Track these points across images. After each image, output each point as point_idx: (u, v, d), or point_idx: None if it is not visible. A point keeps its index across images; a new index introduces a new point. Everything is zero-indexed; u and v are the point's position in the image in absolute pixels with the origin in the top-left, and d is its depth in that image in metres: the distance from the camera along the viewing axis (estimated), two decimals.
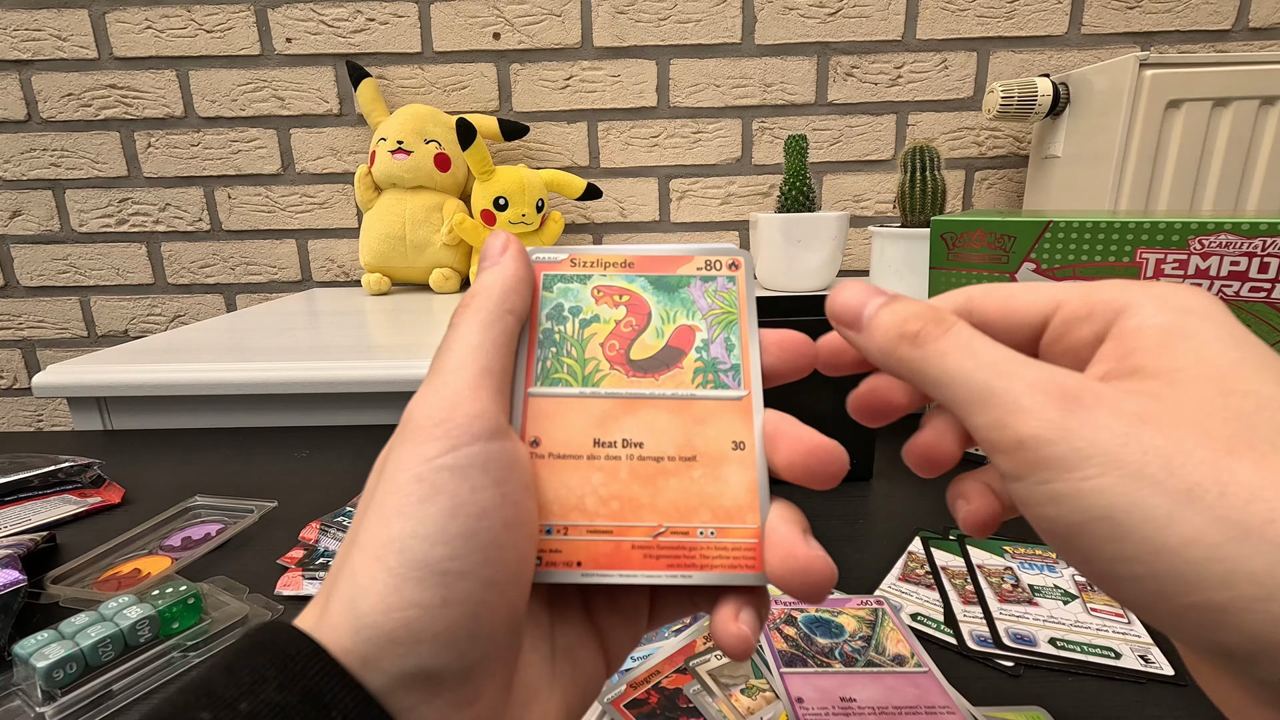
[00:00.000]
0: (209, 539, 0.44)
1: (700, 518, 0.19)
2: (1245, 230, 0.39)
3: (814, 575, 0.17)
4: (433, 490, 0.15)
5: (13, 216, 1.20)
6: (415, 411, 0.17)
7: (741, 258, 0.21)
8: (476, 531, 0.16)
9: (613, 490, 0.19)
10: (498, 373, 0.18)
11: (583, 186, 1.07)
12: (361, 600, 0.15)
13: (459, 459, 0.16)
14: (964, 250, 0.50)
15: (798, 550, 0.17)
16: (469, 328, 0.18)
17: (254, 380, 0.68)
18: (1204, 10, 1.06)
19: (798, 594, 0.17)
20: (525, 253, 0.21)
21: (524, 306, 0.20)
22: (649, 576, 0.19)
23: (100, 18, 1.11)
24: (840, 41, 1.10)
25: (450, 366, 0.17)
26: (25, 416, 1.30)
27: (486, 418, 0.17)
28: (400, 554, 0.15)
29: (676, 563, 0.19)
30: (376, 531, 0.15)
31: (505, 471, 0.17)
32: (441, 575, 0.15)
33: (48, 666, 0.30)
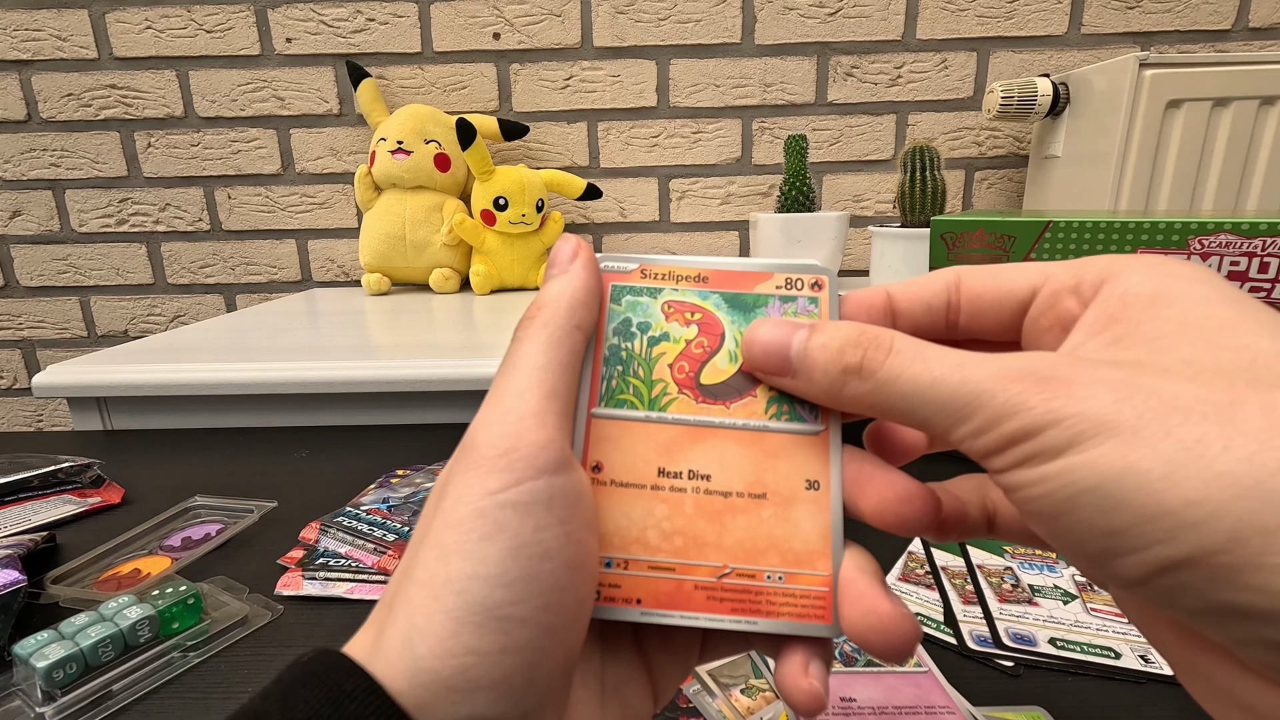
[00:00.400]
0: (209, 539, 0.44)
1: (768, 560, 0.18)
2: (1245, 230, 0.39)
3: (898, 635, 0.16)
4: (495, 528, 0.15)
5: (13, 216, 1.20)
6: (478, 438, 0.16)
7: (826, 276, 0.20)
8: (539, 575, 0.15)
9: (677, 525, 0.18)
10: (564, 395, 0.17)
11: (583, 186, 1.07)
12: (419, 642, 0.14)
13: (523, 494, 0.15)
14: (964, 250, 0.50)
15: (880, 607, 0.16)
16: (534, 344, 0.17)
17: (254, 380, 0.68)
18: (1204, 10, 1.06)
19: (879, 653, 0.16)
20: (595, 261, 0.19)
21: (592, 321, 0.19)
22: (712, 620, 0.18)
23: (100, 18, 1.11)
24: (840, 41, 1.10)
25: (515, 389, 0.17)
26: (25, 416, 1.30)
27: (552, 448, 0.16)
28: (459, 595, 0.14)
29: (741, 607, 0.18)
30: (435, 568, 0.15)
31: (570, 509, 0.16)
32: (501, 621, 0.14)
33: (48, 666, 0.30)
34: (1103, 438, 0.13)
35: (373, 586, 0.39)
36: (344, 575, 0.39)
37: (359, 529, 0.42)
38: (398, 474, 0.52)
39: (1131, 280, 0.15)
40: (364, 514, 0.44)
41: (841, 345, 0.16)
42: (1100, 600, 0.36)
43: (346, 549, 0.42)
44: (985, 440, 0.14)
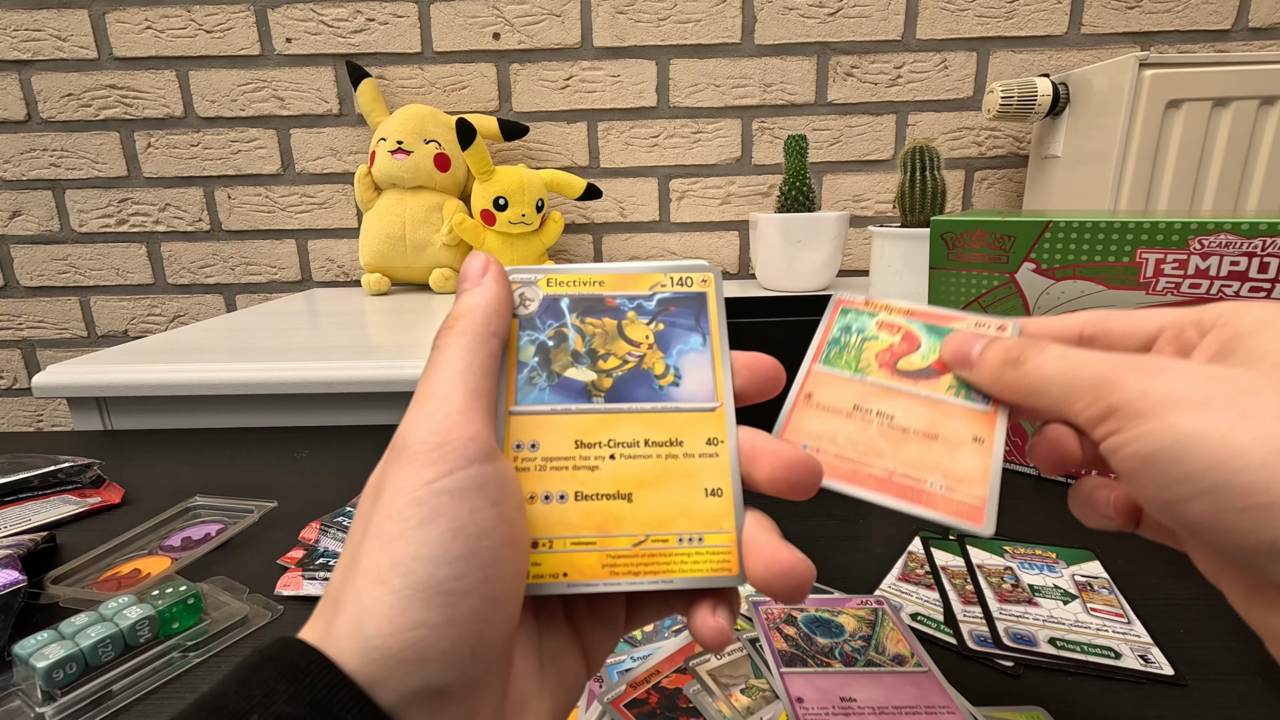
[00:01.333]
0: (209, 539, 0.44)
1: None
2: (1245, 230, 0.39)
3: (796, 577, 0.18)
4: (433, 513, 0.16)
5: (13, 216, 1.20)
6: (410, 436, 0.17)
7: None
8: (477, 551, 0.16)
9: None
10: (486, 395, 0.18)
11: (583, 186, 1.07)
12: (368, 623, 0.15)
13: (457, 481, 0.16)
14: (964, 250, 0.50)
15: (780, 554, 0.19)
16: (455, 350, 0.19)
17: (254, 380, 0.68)
18: (1204, 10, 1.06)
19: (781, 595, 0.19)
20: (505, 274, 0.21)
21: (506, 328, 0.20)
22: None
23: (100, 18, 1.11)
24: (840, 41, 1.10)
25: (440, 391, 0.18)
26: (25, 416, 1.30)
27: (480, 440, 0.17)
28: (405, 576, 0.15)
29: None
30: (379, 556, 0.16)
31: (500, 492, 0.17)
32: (446, 595, 0.15)
33: (48, 666, 0.30)
34: (1179, 409, 0.16)
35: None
36: None
37: None
38: None
39: (1248, 314, 0.19)
40: None
41: (1009, 347, 0.21)
42: (1100, 600, 0.36)
43: None
44: (1093, 410, 0.18)
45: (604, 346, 0.21)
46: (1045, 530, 0.43)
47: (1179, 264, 0.42)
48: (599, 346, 0.21)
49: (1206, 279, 0.41)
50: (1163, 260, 0.42)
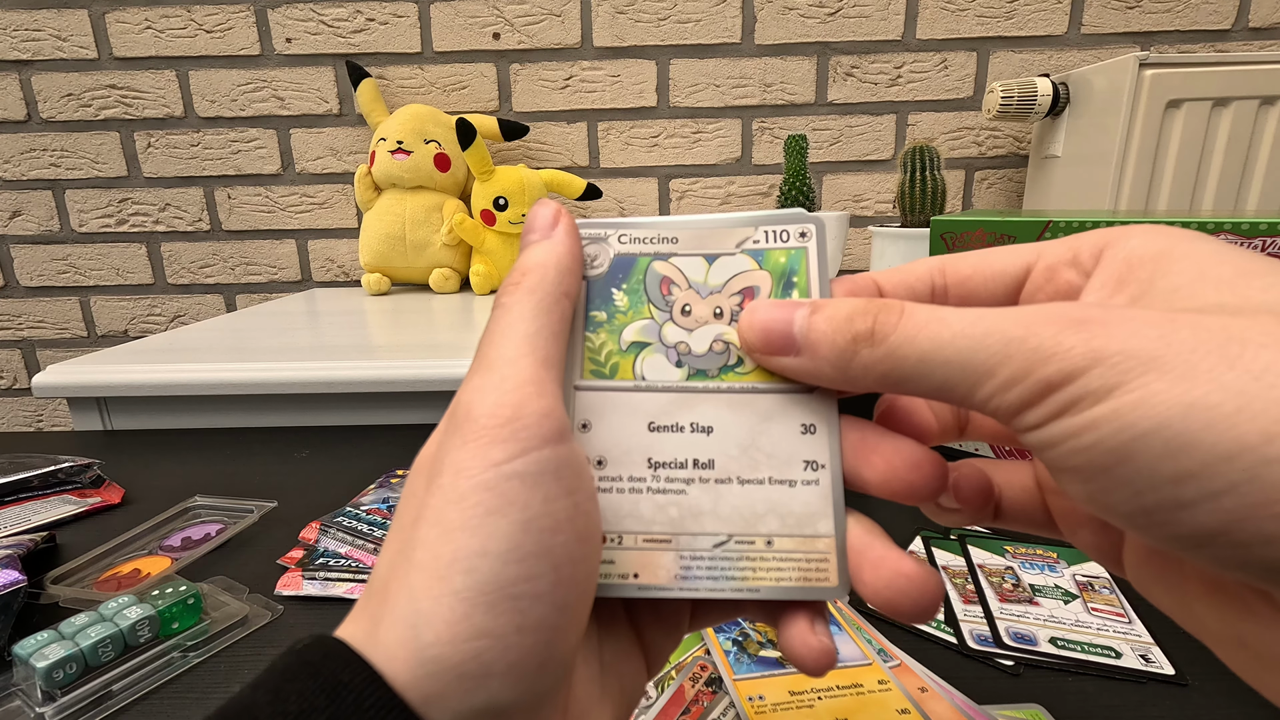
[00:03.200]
0: (209, 539, 0.44)
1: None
2: (1245, 230, 0.39)
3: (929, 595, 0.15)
4: (503, 501, 0.14)
5: (13, 216, 1.20)
6: (475, 406, 0.15)
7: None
8: (551, 548, 0.14)
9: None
10: (557, 364, 0.16)
11: (583, 186, 1.07)
12: (425, 629, 0.13)
13: (530, 464, 0.14)
14: (964, 250, 0.50)
15: (904, 566, 0.16)
16: (523, 310, 0.16)
17: (254, 380, 0.68)
18: (1204, 10, 1.06)
19: (906, 614, 0.16)
20: (576, 227, 0.18)
21: (577, 288, 0.18)
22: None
23: (100, 18, 1.11)
24: (840, 41, 1.10)
25: (507, 355, 0.15)
26: (25, 416, 1.30)
27: (554, 416, 0.15)
28: (468, 574, 0.13)
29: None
30: (438, 547, 0.14)
31: (576, 479, 0.15)
32: (515, 599, 0.13)
33: (48, 667, 0.30)
34: (1156, 374, 0.11)
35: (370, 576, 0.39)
36: (344, 575, 0.39)
37: (359, 529, 0.42)
38: (398, 474, 0.52)
39: (1133, 243, 0.15)
40: (364, 514, 0.44)
41: (849, 314, 0.15)
42: (1101, 600, 0.36)
43: (346, 549, 0.42)
44: (1016, 393, 0.13)
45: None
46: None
47: None
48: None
49: None
50: None
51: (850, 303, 0.16)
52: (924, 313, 0.14)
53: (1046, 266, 0.16)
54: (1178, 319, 0.12)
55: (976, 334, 0.13)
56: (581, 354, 0.18)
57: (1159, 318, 0.12)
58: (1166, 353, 0.11)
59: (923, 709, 0.29)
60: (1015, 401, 0.13)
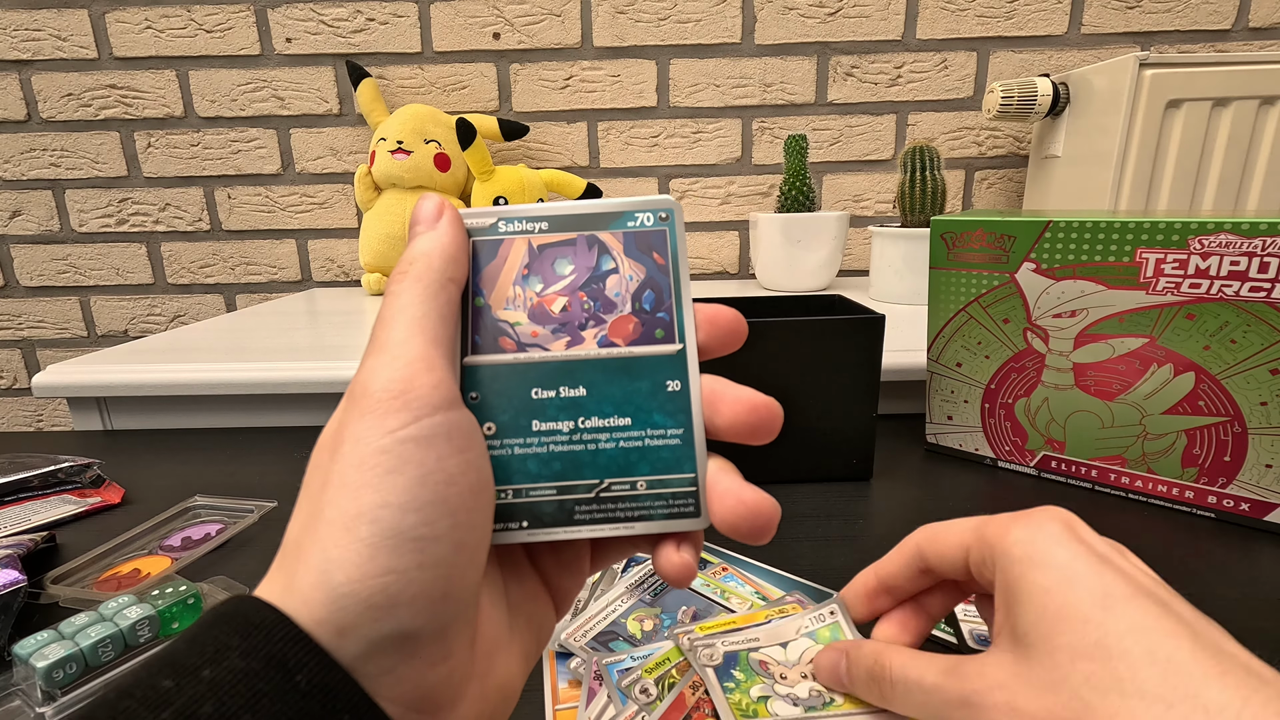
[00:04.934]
0: (209, 539, 0.44)
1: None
2: (1245, 230, 0.39)
3: (763, 517, 0.18)
4: (399, 461, 0.15)
5: (13, 216, 1.20)
6: (370, 384, 0.16)
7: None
8: (446, 498, 0.16)
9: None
10: (445, 344, 0.18)
11: (583, 186, 1.07)
12: (335, 571, 0.15)
13: (423, 429, 0.16)
14: (964, 250, 0.50)
15: (745, 495, 0.19)
16: (410, 296, 0.18)
17: (254, 380, 0.68)
18: (1204, 10, 1.06)
19: (747, 536, 0.19)
20: (460, 218, 0.20)
21: (463, 275, 0.20)
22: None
23: (100, 18, 1.11)
24: (840, 41, 1.10)
25: (397, 338, 0.17)
26: (25, 416, 1.30)
27: (443, 387, 0.17)
28: (372, 524, 0.15)
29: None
30: (344, 505, 0.15)
31: (466, 439, 0.17)
32: (415, 541, 0.15)
33: (48, 666, 0.30)
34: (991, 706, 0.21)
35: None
36: None
37: None
38: None
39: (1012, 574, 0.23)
40: None
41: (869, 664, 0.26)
42: None
43: None
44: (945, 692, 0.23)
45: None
46: None
47: (1179, 264, 0.42)
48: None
49: (1206, 279, 0.41)
50: (1163, 260, 0.42)
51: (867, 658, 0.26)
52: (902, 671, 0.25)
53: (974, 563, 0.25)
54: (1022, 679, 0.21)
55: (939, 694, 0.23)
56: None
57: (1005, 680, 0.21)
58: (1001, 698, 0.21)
59: None
60: None
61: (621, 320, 0.20)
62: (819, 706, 0.28)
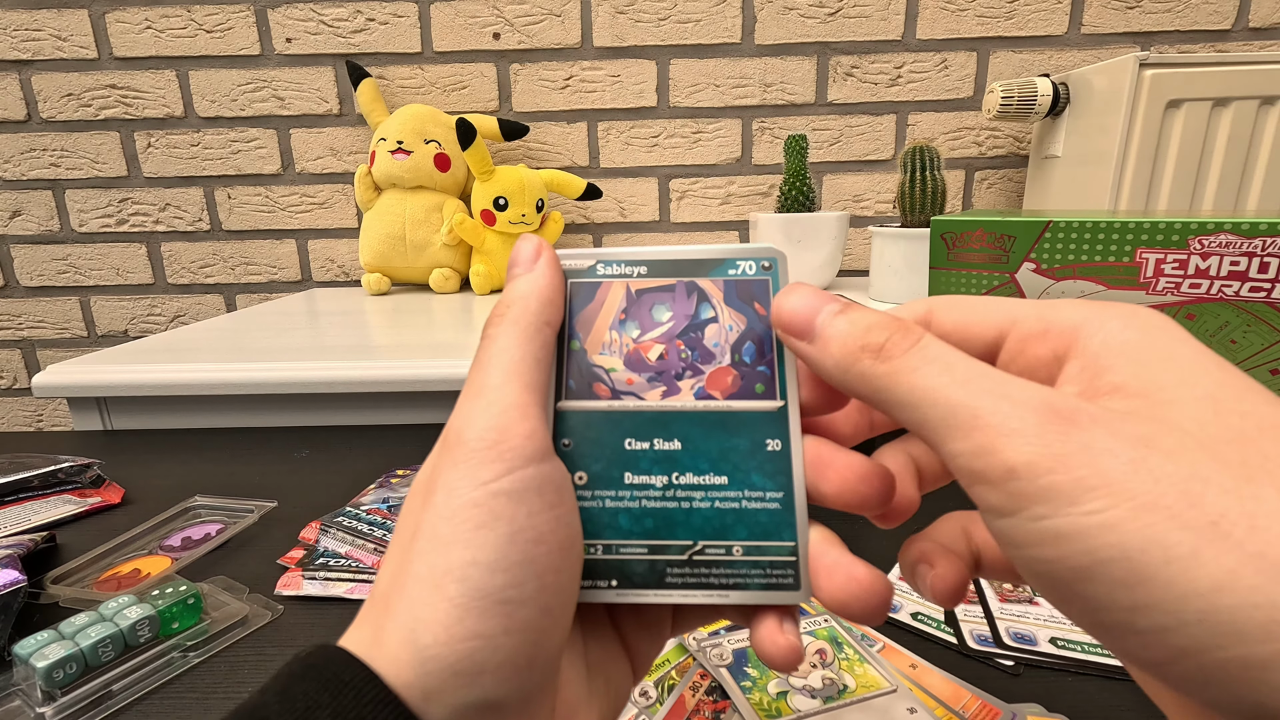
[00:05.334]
0: (209, 539, 0.44)
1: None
2: (1245, 230, 0.39)
3: (877, 597, 0.17)
4: (490, 516, 0.15)
5: (13, 216, 1.20)
6: (465, 431, 0.16)
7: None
8: (535, 558, 0.15)
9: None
10: (540, 389, 0.18)
11: (583, 186, 1.07)
12: (423, 632, 0.14)
13: (515, 482, 0.16)
14: (964, 250, 0.50)
15: (857, 572, 0.17)
16: (507, 340, 0.18)
17: (254, 380, 0.68)
18: (1204, 10, 1.06)
19: (859, 616, 0.17)
20: (558, 260, 0.20)
21: (559, 318, 0.19)
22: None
23: (100, 18, 1.11)
24: (840, 41, 1.10)
25: (493, 382, 0.17)
26: (25, 416, 1.30)
27: (537, 437, 0.16)
28: (461, 582, 0.15)
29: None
30: (433, 560, 0.15)
31: (557, 494, 0.16)
32: (503, 604, 0.15)
33: (48, 666, 0.30)
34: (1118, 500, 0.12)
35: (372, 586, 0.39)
36: (344, 575, 0.39)
37: (359, 529, 0.42)
38: (398, 474, 0.52)
39: (1110, 329, 0.15)
40: (364, 514, 0.44)
41: (868, 325, 0.16)
42: None
43: (346, 549, 0.42)
44: (980, 462, 0.13)
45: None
46: None
47: (1179, 264, 0.42)
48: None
49: (1206, 279, 0.41)
50: (1163, 260, 0.42)
51: (875, 316, 0.16)
52: (935, 350, 0.15)
53: (1018, 338, 0.17)
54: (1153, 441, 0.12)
55: (971, 390, 0.14)
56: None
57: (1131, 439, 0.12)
58: (1134, 483, 0.12)
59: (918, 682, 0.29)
60: (976, 469, 0.13)
61: (720, 372, 0.19)
62: (835, 695, 0.28)
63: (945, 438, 0.14)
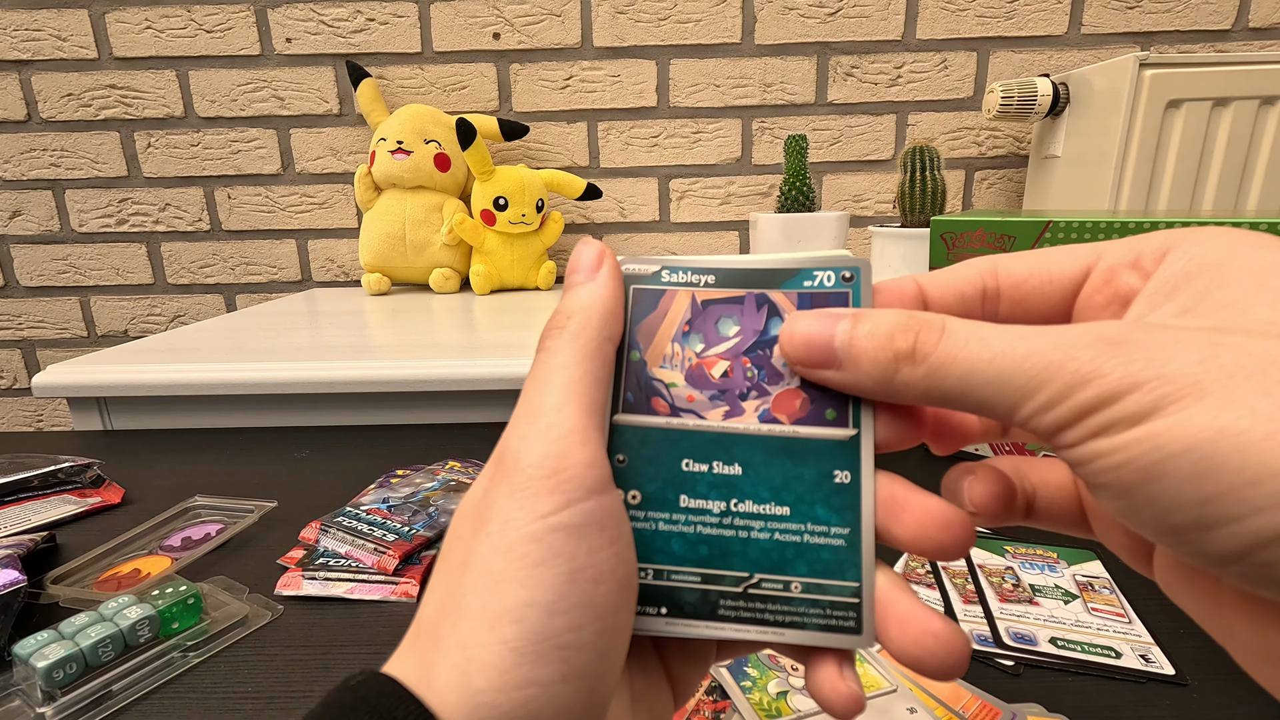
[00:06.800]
0: (209, 539, 0.44)
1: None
2: None
3: (956, 655, 0.15)
4: (550, 553, 0.14)
5: (13, 216, 1.20)
6: (523, 456, 0.15)
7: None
8: (594, 598, 0.15)
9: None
10: (600, 411, 0.16)
11: (583, 186, 1.07)
12: (477, 676, 0.14)
13: (574, 516, 0.15)
14: (964, 250, 0.50)
15: (933, 625, 0.15)
16: (567, 356, 0.16)
17: (254, 380, 0.68)
18: (1204, 10, 1.06)
19: (932, 673, 0.15)
20: (620, 269, 0.18)
21: (619, 332, 0.18)
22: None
23: (100, 18, 1.11)
24: (840, 41, 1.10)
25: (552, 403, 0.16)
26: (25, 416, 1.30)
27: (598, 467, 0.15)
28: (517, 624, 0.14)
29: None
30: (488, 597, 0.14)
31: (617, 528, 0.16)
32: (561, 650, 0.14)
33: (48, 666, 0.30)
34: (1191, 399, 0.12)
35: (372, 586, 0.39)
36: (344, 575, 0.39)
37: (359, 529, 0.42)
38: (398, 474, 0.52)
39: (1194, 250, 0.14)
40: (364, 514, 0.44)
41: (890, 331, 0.15)
42: (1101, 600, 0.36)
43: (346, 549, 0.42)
44: (1055, 414, 0.13)
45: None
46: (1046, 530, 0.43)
47: None
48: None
49: None
50: None
51: (892, 317, 0.16)
52: (964, 331, 0.15)
53: (1106, 268, 0.16)
54: (1220, 340, 0.12)
55: (1016, 356, 0.14)
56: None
57: (1200, 339, 0.12)
58: (1204, 377, 0.12)
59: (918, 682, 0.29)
60: (1054, 422, 0.13)
61: (787, 395, 0.18)
62: None
63: (1010, 409, 0.14)
